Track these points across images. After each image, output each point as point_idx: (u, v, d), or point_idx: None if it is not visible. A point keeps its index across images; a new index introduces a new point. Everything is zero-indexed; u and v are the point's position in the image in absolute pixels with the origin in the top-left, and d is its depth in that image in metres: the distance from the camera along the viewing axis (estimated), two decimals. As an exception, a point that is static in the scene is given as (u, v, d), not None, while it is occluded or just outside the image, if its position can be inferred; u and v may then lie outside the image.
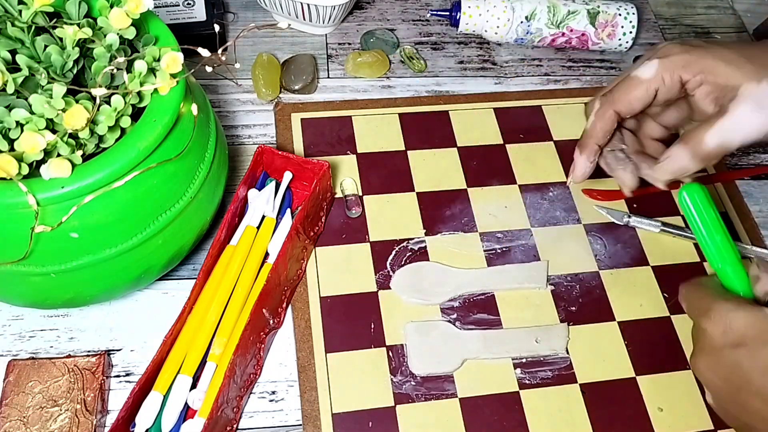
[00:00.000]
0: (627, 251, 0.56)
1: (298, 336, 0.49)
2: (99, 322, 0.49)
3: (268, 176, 0.54)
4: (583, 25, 0.66)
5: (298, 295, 0.51)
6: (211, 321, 0.46)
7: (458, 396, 0.48)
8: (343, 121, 0.61)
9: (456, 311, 0.51)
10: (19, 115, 0.36)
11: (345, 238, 0.54)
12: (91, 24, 0.40)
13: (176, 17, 0.62)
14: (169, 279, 0.51)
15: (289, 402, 0.47)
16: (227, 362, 0.43)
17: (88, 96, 0.38)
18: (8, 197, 0.36)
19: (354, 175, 0.58)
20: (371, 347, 0.49)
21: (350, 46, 0.67)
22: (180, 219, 0.44)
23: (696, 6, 0.77)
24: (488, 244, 0.55)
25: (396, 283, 0.52)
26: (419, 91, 0.65)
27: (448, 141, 0.61)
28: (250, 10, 0.69)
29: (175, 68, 0.40)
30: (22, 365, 0.45)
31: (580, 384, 0.49)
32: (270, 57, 0.63)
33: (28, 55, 0.38)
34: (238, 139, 0.60)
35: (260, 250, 0.49)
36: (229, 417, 0.44)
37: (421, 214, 0.56)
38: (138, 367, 0.47)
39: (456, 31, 0.69)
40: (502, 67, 0.68)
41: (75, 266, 0.40)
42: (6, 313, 0.49)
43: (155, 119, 0.40)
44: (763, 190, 0.62)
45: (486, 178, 0.59)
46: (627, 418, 0.48)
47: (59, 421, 0.43)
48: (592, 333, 0.51)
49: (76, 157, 0.37)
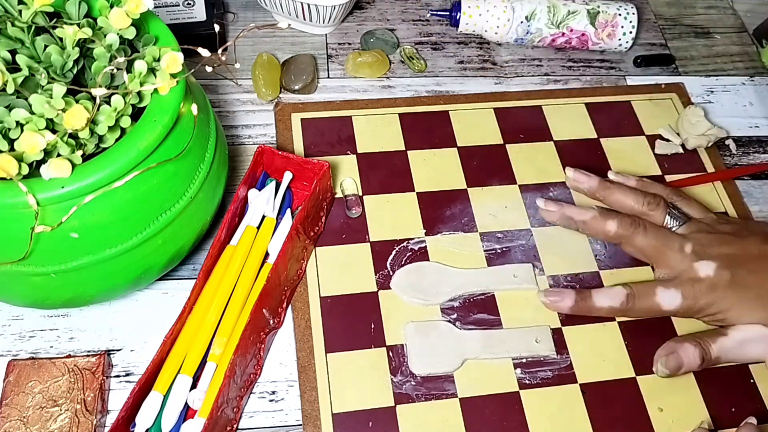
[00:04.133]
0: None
1: (298, 336, 0.49)
2: (99, 322, 0.49)
3: (268, 176, 0.54)
4: (583, 25, 0.66)
5: (298, 295, 0.51)
6: (211, 321, 0.46)
7: (458, 396, 0.48)
8: (343, 121, 0.61)
9: (456, 311, 0.51)
10: (19, 115, 0.36)
11: (345, 238, 0.54)
12: (91, 24, 0.40)
13: (176, 17, 0.62)
14: (169, 279, 0.51)
15: (289, 402, 0.47)
16: (227, 362, 0.43)
17: (88, 96, 0.38)
18: (8, 197, 0.36)
19: (354, 175, 0.58)
20: (371, 347, 0.49)
21: (350, 46, 0.67)
22: (180, 219, 0.44)
23: (696, 6, 0.77)
24: (488, 244, 0.55)
25: (396, 283, 0.52)
26: (419, 91, 0.65)
27: (448, 141, 0.61)
28: (250, 10, 0.69)
29: (175, 68, 0.40)
30: (22, 365, 0.45)
31: (580, 384, 0.49)
32: (270, 57, 0.63)
33: (28, 55, 0.38)
34: (238, 139, 0.60)
35: (260, 250, 0.49)
36: (229, 417, 0.44)
37: (421, 214, 0.56)
38: (138, 367, 0.47)
39: (456, 31, 0.69)
40: (502, 67, 0.68)
41: (75, 266, 0.40)
42: (6, 313, 0.49)
43: (155, 119, 0.40)
44: (763, 190, 0.62)
45: (486, 178, 0.59)
46: (627, 418, 0.48)
47: (59, 421, 0.43)
48: (592, 333, 0.51)
49: (76, 157, 0.37)
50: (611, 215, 0.52)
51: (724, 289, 0.48)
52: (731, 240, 0.50)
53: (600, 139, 0.62)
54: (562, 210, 0.53)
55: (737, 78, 0.70)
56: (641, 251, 0.52)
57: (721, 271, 0.49)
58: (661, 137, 0.63)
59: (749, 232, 0.51)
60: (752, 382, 0.50)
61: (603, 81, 0.68)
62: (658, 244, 0.51)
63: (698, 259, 0.49)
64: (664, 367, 0.48)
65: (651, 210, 0.52)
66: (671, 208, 0.53)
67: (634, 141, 0.63)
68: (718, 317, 0.49)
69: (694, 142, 0.61)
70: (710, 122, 0.62)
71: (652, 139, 0.63)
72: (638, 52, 0.70)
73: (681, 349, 0.48)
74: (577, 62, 0.69)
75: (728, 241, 0.50)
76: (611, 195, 0.54)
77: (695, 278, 0.49)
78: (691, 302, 0.49)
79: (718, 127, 0.63)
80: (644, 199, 0.52)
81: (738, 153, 0.64)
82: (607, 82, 0.68)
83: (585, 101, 0.65)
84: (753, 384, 0.50)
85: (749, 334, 0.48)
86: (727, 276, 0.48)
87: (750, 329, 0.48)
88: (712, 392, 0.49)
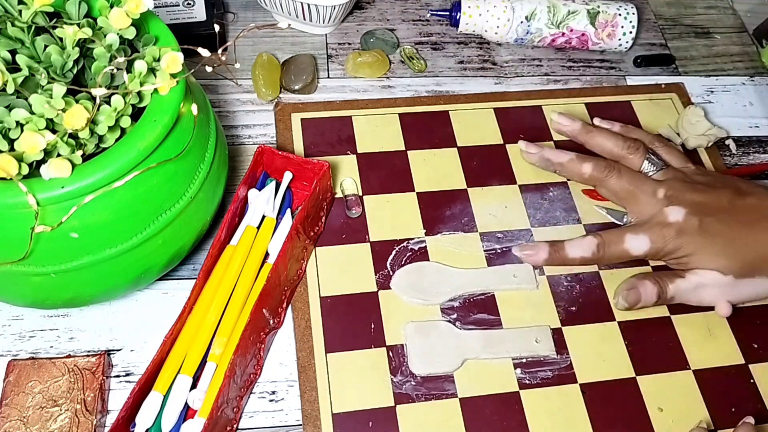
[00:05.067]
0: (627, 251, 0.56)
1: (298, 336, 0.49)
2: (99, 322, 0.49)
3: (268, 176, 0.54)
4: (583, 25, 0.66)
5: (298, 295, 0.51)
6: (211, 321, 0.46)
7: (458, 396, 0.48)
8: (343, 121, 0.61)
9: (456, 311, 0.51)
10: (19, 115, 0.36)
11: (345, 238, 0.54)
12: (91, 24, 0.40)
13: (176, 17, 0.62)
14: (169, 279, 0.51)
15: (289, 402, 0.47)
16: (227, 362, 0.43)
17: (88, 96, 0.38)
18: (8, 197, 0.36)
19: (354, 175, 0.58)
20: (371, 347, 0.49)
21: (350, 46, 0.67)
22: (180, 219, 0.44)
23: (696, 6, 0.77)
24: (488, 244, 0.55)
25: (396, 283, 0.52)
26: (419, 91, 0.65)
27: (448, 141, 0.61)
28: (250, 10, 0.69)
29: (175, 68, 0.40)
30: (22, 365, 0.45)
31: (580, 384, 0.49)
32: (270, 57, 0.63)
33: (28, 55, 0.38)
34: (238, 139, 0.60)
35: (260, 250, 0.49)
36: (229, 417, 0.44)
37: (421, 214, 0.56)
38: (138, 367, 0.47)
39: (456, 31, 0.69)
40: (502, 67, 0.68)
41: (75, 266, 0.40)
42: (6, 313, 0.49)
43: (155, 119, 0.40)
44: (763, 190, 0.62)
45: (486, 178, 0.59)
46: (627, 418, 0.48)
47: (59, 421, 0.43)
48: (592, 333, 0.51)
49: (76, 157, 0.37)
50: (587, 159, 0.55)
51: (691, 235, 0.50)
52: (704, 189, 0.52)
53: (600, 139, 0.62)
54: (541, 152, 0.56)
55: (737, 78, 0.70)
56: (615, 194, 0.54)
57: (690, 218, 0.50)
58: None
59: (723, 185, 0.53)
60: (752, 382, 0.50)
61: (603, 81, 0.68)
62: (631, 188, 0.53)
63: (669, 204, 0.51)
64: (624, 301, 0.51)
65: (630, 153, 0.54)
66: (650, 154, 0.55)
67: (634, 141, 0.63)
68: (683, 261, 0.51)
69: (694, 142, 0.62)
70: (710, 122, 0.62)
71: (652, 139, 0.63)
72: (638, 52, 0.70)
73: (641, 285, 0.51)
74: (577, 62, 0.69)
75: (701, 190, 0.52)
76: (592, 138, 0.56)
77: (664, 222, 0.51)
78: (659, 246, 0.51)
79: (718, 127, 0.63)
80: (624, 143, 0.55)
81: (738, 153, 0.64)
82: (607, 82, 0.68)
83: (585, 101, 0.65)
84: (753, 384, 0.50)
85: (705, 279, 0.50)
86: (696, 222, 0.50)
87: (707, 274, 0.50)
88: (711, 392, 0.49)
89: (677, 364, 0.50)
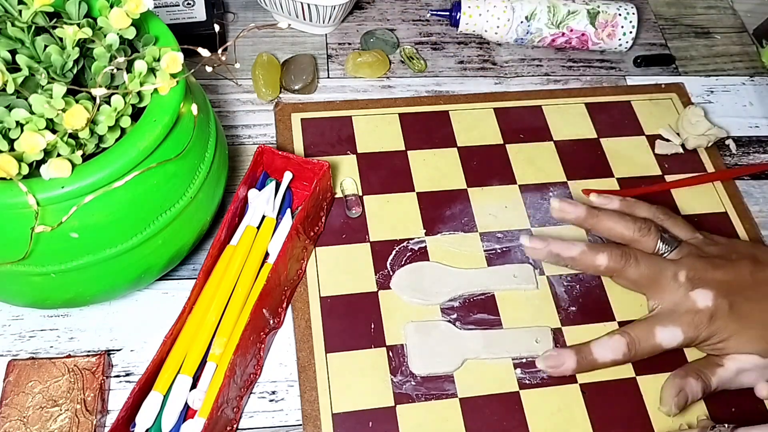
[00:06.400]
0: (627, 251, 0.56)
1: (298, 336, 0.49)
2: (99, 322, 0.49)
3: (268, 176, 0.54)
4: (583, 25, 0.66)
5: (298, 295, 0.51)
6: (211, 321, 0.46)
7: (458, 396, 0.48)
8: (343, 121, 0.61)
9: (456, 311, 0.51)
10: (19, 115, 0.36)
11: (345, 238, 0.54)
12: (91, 24, 0.40)
13: (176, 17, 0.62)
14: (169, 279, 0.51)
15: (289, 402, 0.47)
16: (227, 362, 0.43)
17: (88, 96, 0.38)
18: (8, 197, 0.36)
19: (354, 175, 0.58)
20: (371, 347, 0.49)
21: (350, 46, 0.67)
22: (180, 219, 0.44)
23: (696, 6, 0.77)
24: (488, 244, 0.55)
25: (396, 283, 0.52)
26: (419, 91, 0.65)
27: (448, 141, 0.61)
28: (250, 10, 0.69)
29: (175, 68, 0.40)
30: (22, 365, 0.45)
31: (580, 384, 0.49)
32: (270, 57, 0.63)
33: (28, 55, 0.38)
34: (238, 139, 0.60)
35: (260, 250, 0.49)
36: (229, 417, 0.44)
37: (421, 214, 0.56)
38: (138, 367, 0.47)
39: (456, 31, 0.69)
40: (502, 67, 0.68)
41: (75, 266, 0.40)
42: (6, 313, 0.49)
43: (155, 119, 0.40)
44: (763, 190, 0.62)
45: (486, 178, 0.59)
46: (627, 418, 0.48)
47: (59, 421, 0.43)
48: (592, 333, 0.51)
49: (76, 157, 0.37)
50: (600, 248, 0.51)
51: (724, 319, 0.48)
52: (723, 264, 0.50)
53: (600, 139, 0.62)
54: (548, 247, 0.51)
55: (737, 78, 0.70)
56: (634, 282, 0.51)
57: (719, 300, 0.48)
58: (661, 137, 0.63)
59: (738, 255, 0.51)
60: (752, 382, 0.50)
61: (603, 81, 0.68)
62: (651, 274, 0.50)
63: (693, 288, 0.49)
64: (676, 408, 0.47)
65: (642, 236, 0.51)
66: (661, 232, 0.52)
67: (634, 141, 0.63)
68: (718, 347, 0.49)
69: (694, 142, 0.62)
70: (710, 122, 0.62)
71: (652, 139, 0.63)
72: (638, 52, 0.70)
73: (686, 386, 0.48)
74: (577, 62, 0.69)
75: (720, 266, 0.50)
76: (600, 223, 0.52)
77: (694, 310, 0.48)
78: (693, 335, 0.48)
79: (718, 127, 0.63)
80: (635, 224, 0.51)
81: (738, 153, 0.64)
82: (607, 82, 0.68)
83: (585, 101, 0.65)
84: (753, 384, 0.50)
85: (745, 364, 0.48)
86: (725, 306, 0.48)
87: (745, 359, 0.48)
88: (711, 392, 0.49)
89: (677, 364, 0.50)
